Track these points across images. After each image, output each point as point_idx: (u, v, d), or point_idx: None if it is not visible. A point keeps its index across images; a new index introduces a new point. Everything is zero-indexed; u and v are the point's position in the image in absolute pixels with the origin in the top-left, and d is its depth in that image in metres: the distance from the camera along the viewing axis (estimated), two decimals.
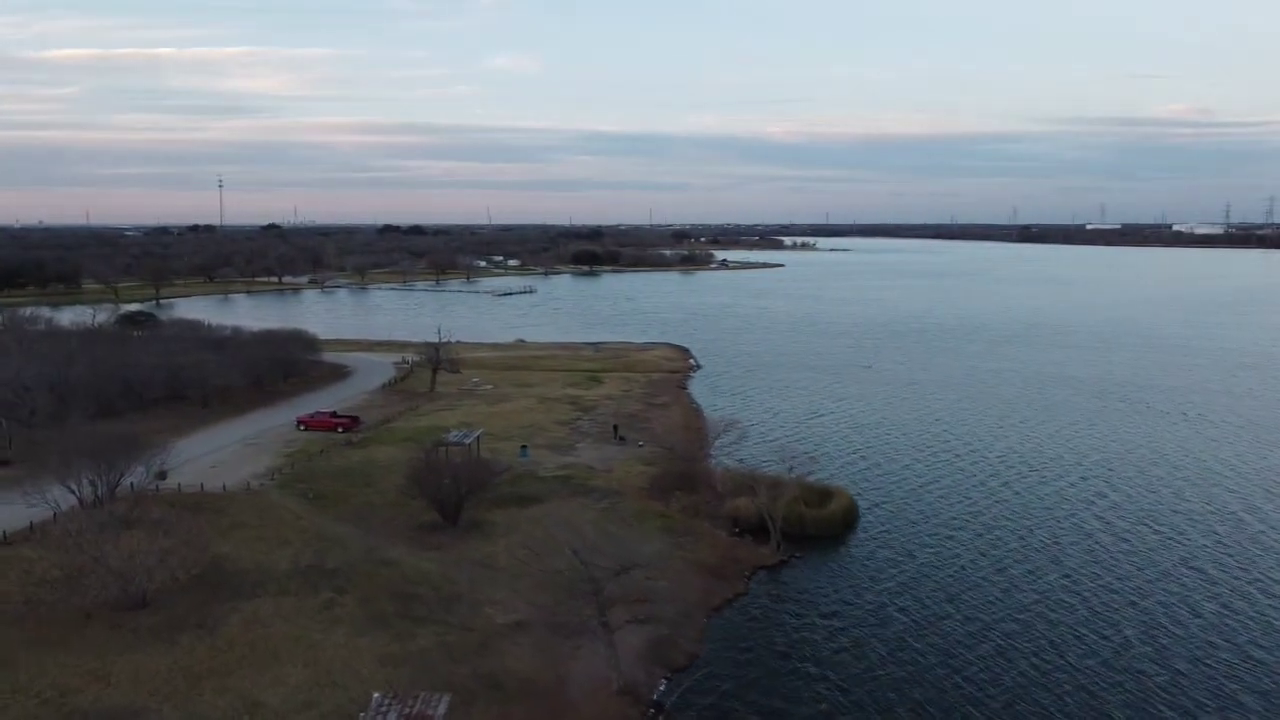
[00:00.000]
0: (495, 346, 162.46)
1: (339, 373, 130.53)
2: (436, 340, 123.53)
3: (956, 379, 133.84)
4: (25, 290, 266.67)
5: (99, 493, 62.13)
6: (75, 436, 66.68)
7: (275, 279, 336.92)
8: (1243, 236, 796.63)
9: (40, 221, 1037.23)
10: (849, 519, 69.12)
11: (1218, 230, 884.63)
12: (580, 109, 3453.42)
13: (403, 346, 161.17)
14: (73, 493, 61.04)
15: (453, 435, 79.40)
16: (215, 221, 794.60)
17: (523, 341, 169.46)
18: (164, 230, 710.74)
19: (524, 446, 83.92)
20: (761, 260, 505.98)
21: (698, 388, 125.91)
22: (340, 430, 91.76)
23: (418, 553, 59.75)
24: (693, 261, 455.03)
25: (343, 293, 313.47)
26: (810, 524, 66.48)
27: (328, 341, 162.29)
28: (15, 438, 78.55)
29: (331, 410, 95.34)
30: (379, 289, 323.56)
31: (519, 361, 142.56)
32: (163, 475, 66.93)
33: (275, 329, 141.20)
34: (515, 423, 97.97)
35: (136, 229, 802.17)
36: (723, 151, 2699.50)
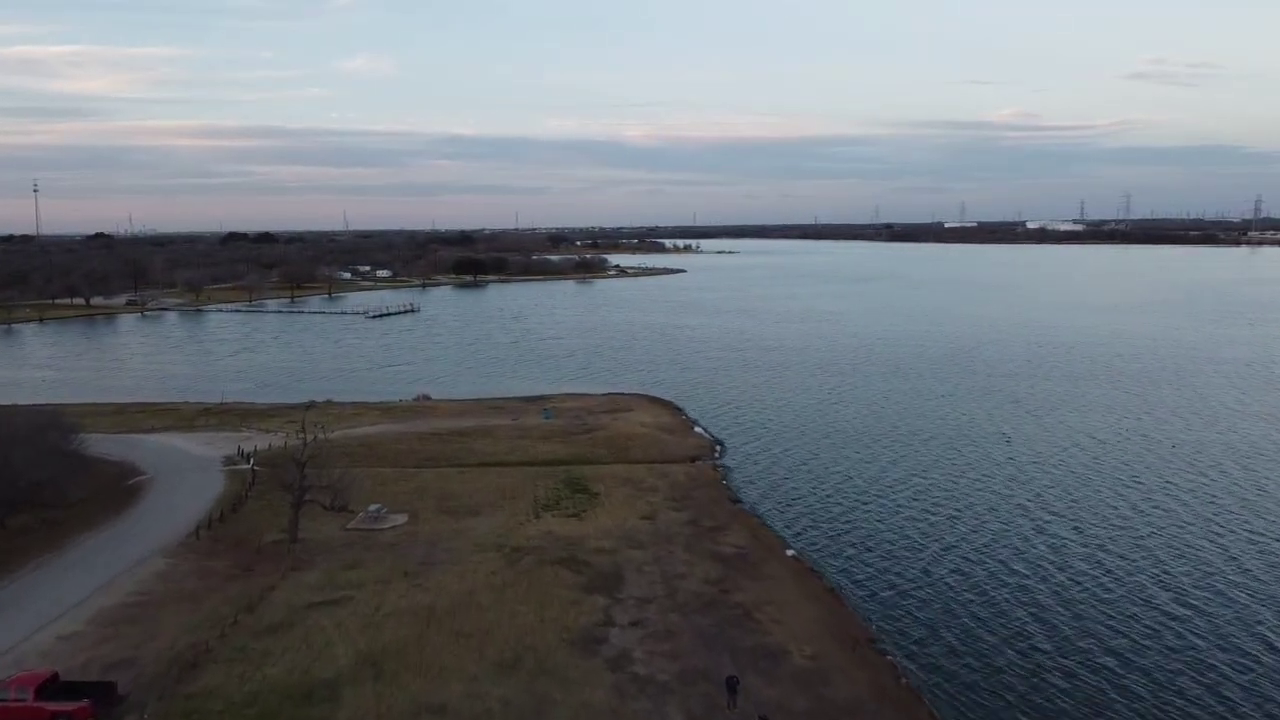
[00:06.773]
0: (389, 411, 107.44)
1: (119, 489, 75.08)
2: (301, 441, 68.36)
3: (1158, 459, 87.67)
4: None
5: None
6: None
7: (82, 301, 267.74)
8: (1104, 233, 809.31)
9: None
10: None
11: (1076, 227, 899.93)
12: (438, 112, 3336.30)
13: (243, 415, 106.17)
14: None
15: None
16: (32, 231, 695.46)
17: (427, 399, 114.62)
18: None
19: None
20: (660, 265, 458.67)
21: (751, 494, 75.81)
22: None
23: None
24: (588, 269, 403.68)
25: (171, 316, 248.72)
26: None
27: (120, 410, 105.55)
28: None
29: (48, 673, 40.85)
30: (219, 310, 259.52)
31: (436, 446, 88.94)
32: None
33: (9, 405, 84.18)
34: (483, 651, 45.87)
35: None
36: (582, 155, 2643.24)
